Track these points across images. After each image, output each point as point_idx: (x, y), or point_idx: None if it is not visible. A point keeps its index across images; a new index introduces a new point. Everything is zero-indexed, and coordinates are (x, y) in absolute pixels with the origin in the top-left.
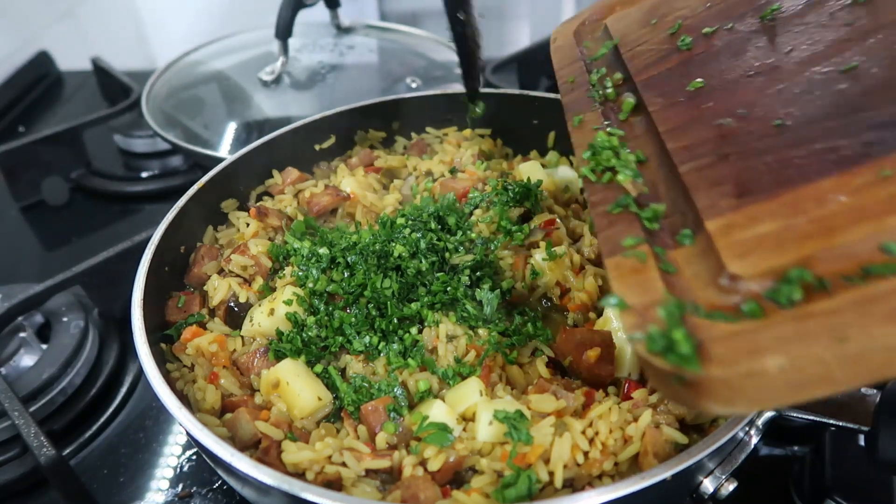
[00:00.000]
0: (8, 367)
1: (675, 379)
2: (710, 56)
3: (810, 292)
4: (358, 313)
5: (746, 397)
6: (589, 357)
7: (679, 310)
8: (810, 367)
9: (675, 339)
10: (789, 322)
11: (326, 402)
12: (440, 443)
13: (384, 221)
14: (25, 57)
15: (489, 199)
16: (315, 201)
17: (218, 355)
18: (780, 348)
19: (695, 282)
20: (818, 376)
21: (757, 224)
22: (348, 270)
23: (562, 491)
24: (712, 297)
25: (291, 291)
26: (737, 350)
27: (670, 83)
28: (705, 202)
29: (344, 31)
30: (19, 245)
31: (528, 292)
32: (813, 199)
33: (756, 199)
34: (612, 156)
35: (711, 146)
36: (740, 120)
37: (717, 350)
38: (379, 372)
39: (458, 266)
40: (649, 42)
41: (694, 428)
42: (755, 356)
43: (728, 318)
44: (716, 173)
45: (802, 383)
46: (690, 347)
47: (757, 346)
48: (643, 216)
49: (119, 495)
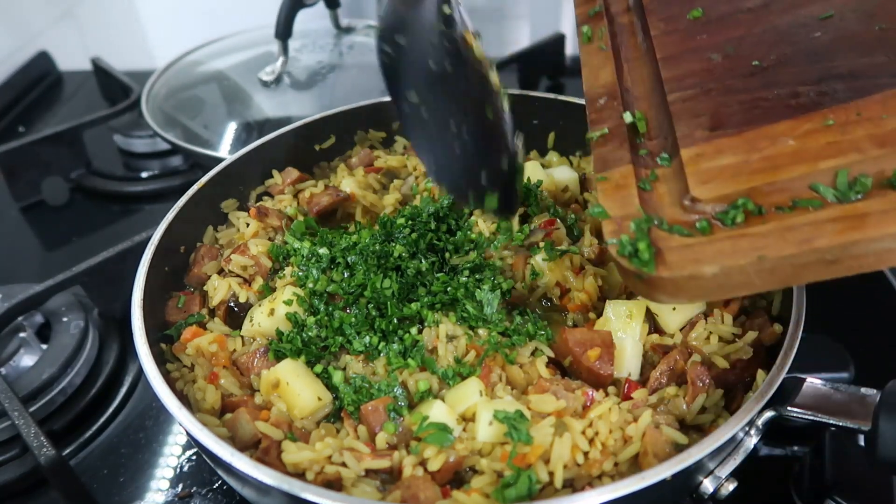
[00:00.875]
0: (8, 367)
1: (636, 276)
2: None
3: (749, 217)
4: (358, 313)
5: (687, 294)
6: (589, 357)
7: (647, 224)
8: (736, 276)
9: (640, 248)
10: (727, 240)
11: (326, 402)
12: (440, 443)
13: (384, 221)
14: (25, 57)
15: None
16: (315, 201)
17: (218, 355)
18: (715, 260)
19: (665, 199)
20: (741, 283)
21: (721, 156)
22: (348, 270)
23: (562, 491)
24: (676, 214)
25: (291, 291)
26: (684, 258)
27: (672, 8)
28: (684, 131)
29: (344, 31)
30: (19, 245)
31: (528, 292)
32: (768, 138)
33: (725, 134)
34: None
35: (698, 79)
36: (726, 57)
37: (670, 258)
38: (379, 372)
39: (458, 266)
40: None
41: (694, 428)
42: (697, 264)
43: (684, 233)
44: (697, 106)
45: (729, 286)
46: (650, 255)
47: (699, 257)
48: (633, 139)
49: (119, 495)
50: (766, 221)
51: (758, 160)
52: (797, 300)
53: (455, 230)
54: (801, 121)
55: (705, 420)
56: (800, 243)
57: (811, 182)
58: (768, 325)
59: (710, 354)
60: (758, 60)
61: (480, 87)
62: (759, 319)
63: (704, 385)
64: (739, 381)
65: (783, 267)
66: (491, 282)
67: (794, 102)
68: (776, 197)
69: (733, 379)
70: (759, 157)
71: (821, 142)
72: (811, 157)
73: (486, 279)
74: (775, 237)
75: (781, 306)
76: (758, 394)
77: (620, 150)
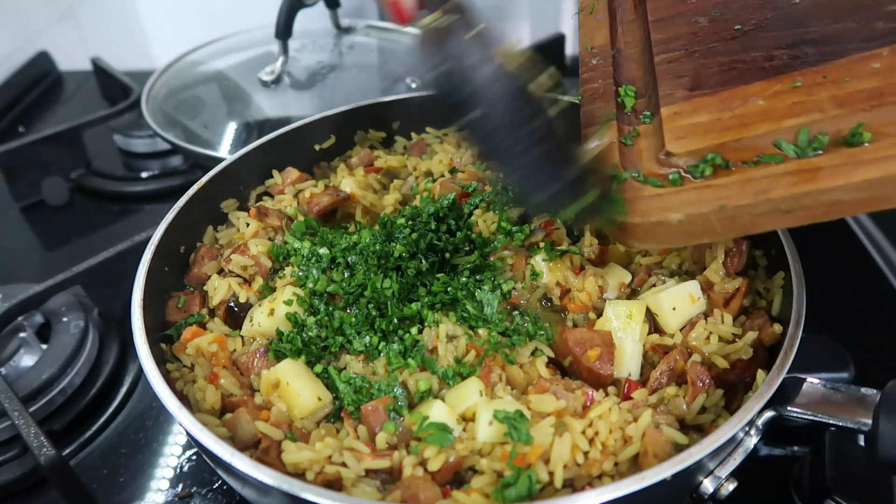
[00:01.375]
0: (8, 367)
1: (611, 222)
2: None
3: (717, 170)
4: (358, 313)
5: (656, 239)
6: (589, 357)
7: (622, 177)
8: (699, 223)
9: (615, 198)
10: (693, 190)
11: (326, 403)
12: (440, 443)
13: (384, 222)
14: (25, 57)
15: (489, 199)
16: (315, 201)
17: (218, 355)
18: (681, 208)
19: (643, 153)
20: (704, 230)
21: (696, 114)
22: (348, 271)
23: (561, 491)
24: (652, 167)
25: (291, 292)
26: (654, 207)
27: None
28: (666, 91)
29: (344, 31)
30: (19, 245)
31: (528, 292)
32: (741, 98)
33: (702, 94)
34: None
35: (684, 42)
36: (712, 20)
37: (641, 206)
38: (379, 372)
39: (458, 266)
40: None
41: (694, 428)
42: (665, 212)
43: (656, 184)
44: (681, 67)
45: (694, 233)
46: (622, 204)
47: (667, 206)
48: (620, 96)
49: (119, 495)
50: (731, 175)
51: (729, 118)
52: (797, 300)
53: (455, 230)
54: (772, 82)
55: (705, 420)
56: (757, 194)
57: (775, 139)
58: (768, 325)
59: (709, 354)
60: (740, 24)
61: (523, 101)
62: (759, 319)
63: (704, 385)
64: (740, 381)
65: (742, 216)
66: (491, 282)
67: (768, 65)
68: (743, 153)
69: (733, 379)
70: (730, 115)
71: (787, 102)
72: (777, 116)
73: (487, 279)
74: (736, 188)
75: (781, 306)
76: (757, 394)
77: (607, 107)
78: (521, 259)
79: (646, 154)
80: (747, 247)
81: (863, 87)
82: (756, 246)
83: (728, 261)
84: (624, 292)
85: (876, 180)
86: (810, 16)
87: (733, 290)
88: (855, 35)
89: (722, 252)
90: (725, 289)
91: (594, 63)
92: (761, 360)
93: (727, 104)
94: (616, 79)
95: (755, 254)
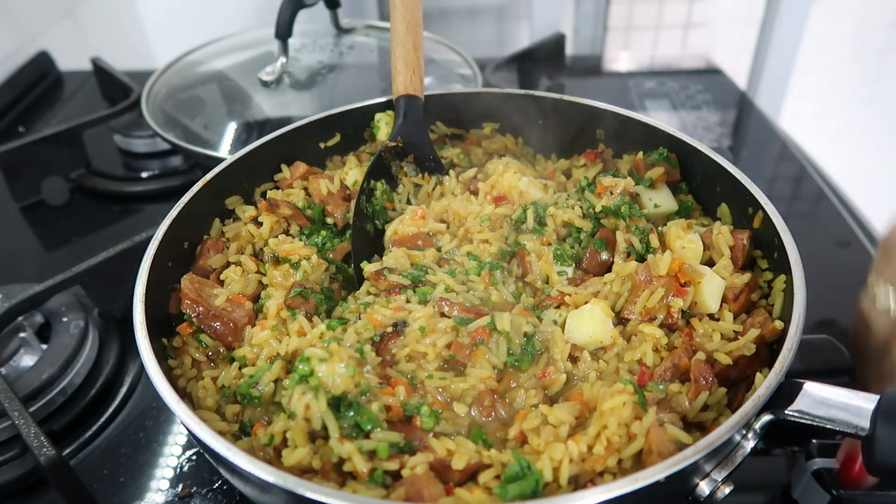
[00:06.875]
0: (8, 367)
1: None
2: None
3: None
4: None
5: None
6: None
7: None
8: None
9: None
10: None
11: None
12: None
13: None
14: (25, 57)
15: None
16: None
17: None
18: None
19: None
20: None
21: None
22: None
23: (556, 490)
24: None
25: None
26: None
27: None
28: None
29: (344, 31)
30: (19, 245)
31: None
32: None
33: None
34: None
35: None
36: None
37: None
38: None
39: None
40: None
41: (696, 426)
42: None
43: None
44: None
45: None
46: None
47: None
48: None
49: (119, 495)
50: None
51: None
52: (797, 302)
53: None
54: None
55: (707, 418)
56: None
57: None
58: (769, 322)
59: (712, 351)
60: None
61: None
62: (761, 317)
63: (707, 383)
64: (742, 378)
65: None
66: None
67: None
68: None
69: (736, 376)
70: None
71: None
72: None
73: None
74: None
75: (782, 308)
76: (754, 397)
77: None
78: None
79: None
80: (748, 239)
81: None
82: (756, 246)
83: (733, 255)
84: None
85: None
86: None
87: (742, 284)
88: None
89: (727, 248)
90: (734, 283)
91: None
92: (763, 358)
93: None
94: None
95: (755, 254)
